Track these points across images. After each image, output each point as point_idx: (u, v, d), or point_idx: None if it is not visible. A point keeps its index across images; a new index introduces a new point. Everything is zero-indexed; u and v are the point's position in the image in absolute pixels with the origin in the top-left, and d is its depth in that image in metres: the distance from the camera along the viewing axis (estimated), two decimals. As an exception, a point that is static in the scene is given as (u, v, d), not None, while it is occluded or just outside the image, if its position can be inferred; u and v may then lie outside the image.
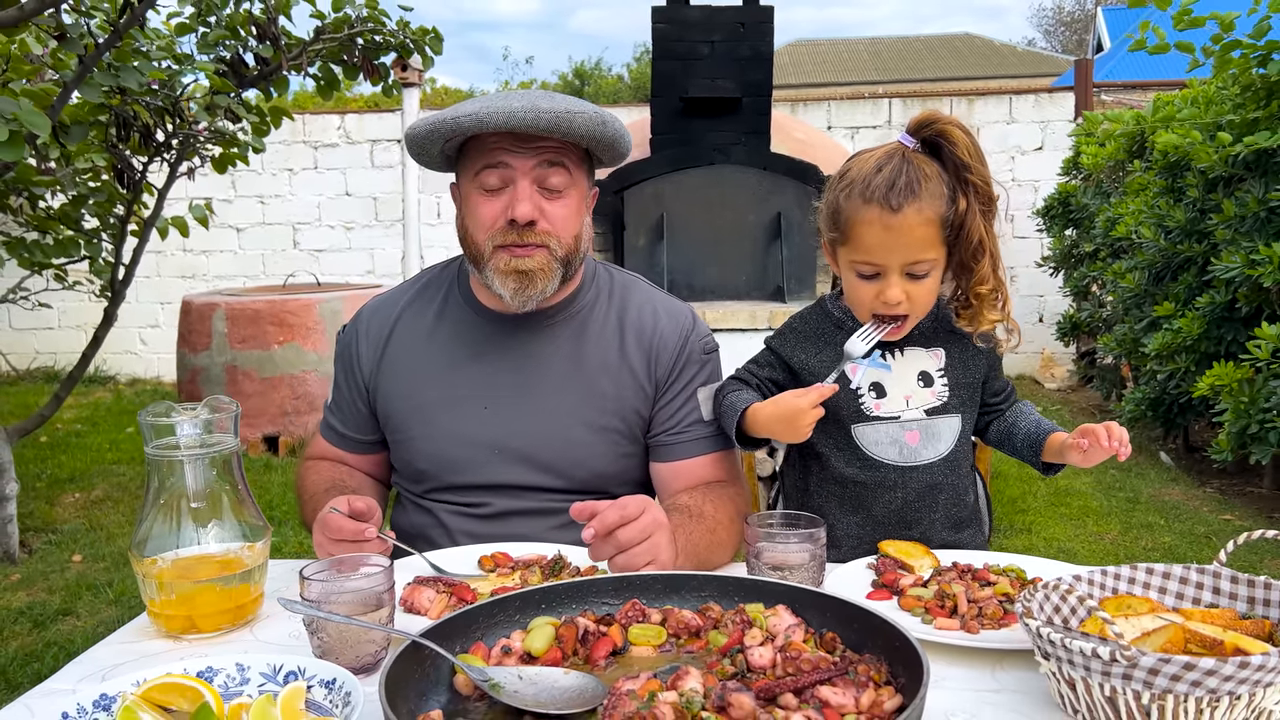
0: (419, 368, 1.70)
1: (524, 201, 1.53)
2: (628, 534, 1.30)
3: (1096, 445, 1.41)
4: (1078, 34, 35.48)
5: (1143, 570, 1.19)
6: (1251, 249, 3.82)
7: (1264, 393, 3.76)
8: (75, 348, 8.86)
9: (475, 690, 1.03)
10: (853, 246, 1.51)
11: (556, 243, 1.57)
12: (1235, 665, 0.91)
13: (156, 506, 1.29)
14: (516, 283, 1.56)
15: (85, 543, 4.42)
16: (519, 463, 1.65)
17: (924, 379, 1.60)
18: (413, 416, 1.68)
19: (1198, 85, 4.90)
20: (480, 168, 1.56)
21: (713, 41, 4.86)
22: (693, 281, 5.01)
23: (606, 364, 1.67)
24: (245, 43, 3.84)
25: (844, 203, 1.50)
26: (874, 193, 1.46)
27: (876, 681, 0.99)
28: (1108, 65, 15.37)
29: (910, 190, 1.46)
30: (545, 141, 1.54)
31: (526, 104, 1.47)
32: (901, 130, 1.56)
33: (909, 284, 1.50)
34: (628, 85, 29.45)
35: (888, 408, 1.59)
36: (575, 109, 1.51)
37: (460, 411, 1.66)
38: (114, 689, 0.98)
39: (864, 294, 1.53)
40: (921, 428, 1.59)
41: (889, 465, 1.58)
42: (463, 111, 1.49)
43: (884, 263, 1.49)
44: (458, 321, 1.71)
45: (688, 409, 1.69)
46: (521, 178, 1.55)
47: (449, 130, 1.51)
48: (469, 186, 1.60)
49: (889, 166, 1.48)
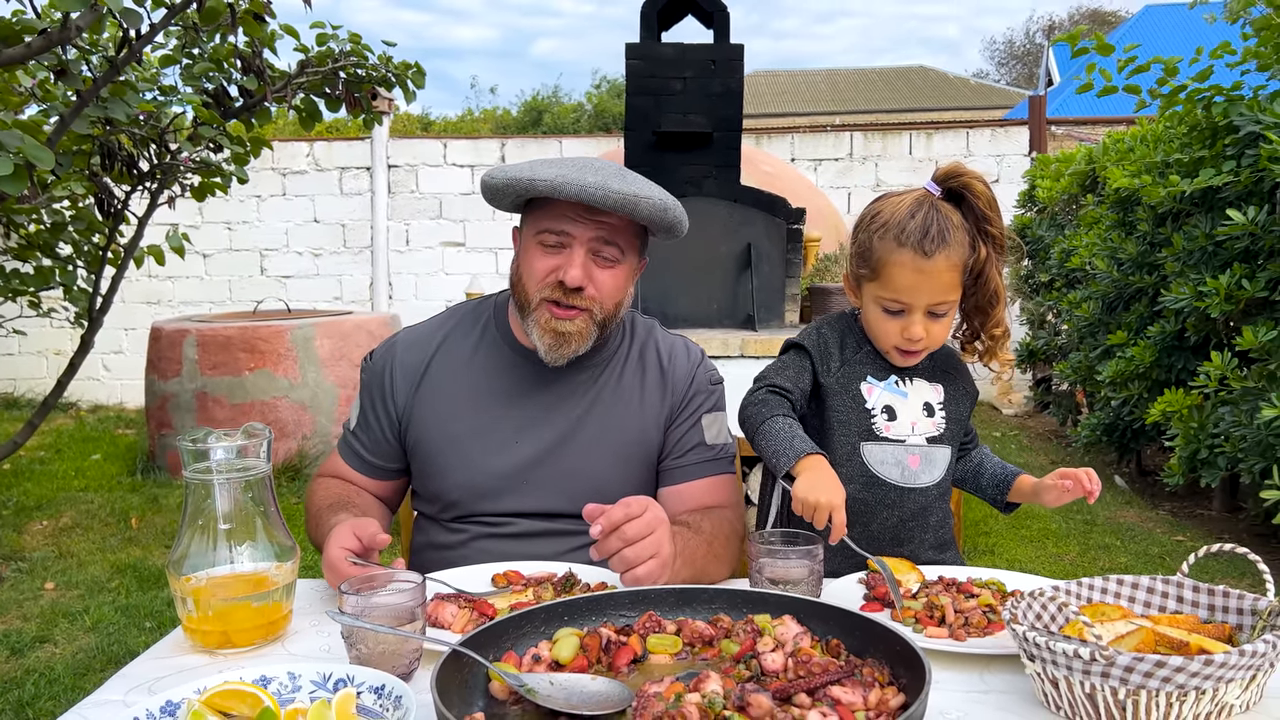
0: (454, 400, 1.77)
1: (576, 268, 1.64)
2: (633, 528, 1.40)
3: (1078, 486, 1.54)
4: (1028, 67, 36.43)
5: (1113, 581, 1.30)
6: (1199, 281, 4.01)
7: (1213, 419, 3.94)
8: (36, 374, 8.77)
9: (510, 695, 1.12)
10: (882, 284, 1.62)
11: (599, 309, 1.69)
12: (1201, 663, 1.02)
13: (193, 527, 1.36)
14: (553, 340, 1.68)
15: (56, 570, 4.40)
16: (545, 491, 1.75)
17: (928, 409, 1.72)
18: (447, 447, 1.76)
19: (1146, 124, 5.13)
20: (544, 227, 1.67)
21: (685, 78, 5.00)
22: (665, 310, 5.12)
23: (629, 400, 1.79)
24: (229, 75, 3.90)
25: (878, 243, 1.62)
26: (909, 238, 1.58)
27: (881, 682, 1.09)
28: (1059, 99, 15.85)
29: (942, 238, 1.58)
30: (608, 217, 1.65)
31: (599, 181, 1.58)
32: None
33: (929, 322, 1.63)
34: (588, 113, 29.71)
35: (896, 431, 1.70)
36: (642, 194, 1.60)
37: (493, 443, 1.75)
38: (177, 696, 1.05)
39: (888, 328, 1.65)
40: (922, 453, 1.70)
41: (890, 485, 1.69)
42: (540, 176, 1.59)
43: (911, 302, 1.61)
44: (493, 357, 1.80)
45: (693, 434, 1.81)
46: (579, 246, 1.65)
47: (523, 191, 1.63)
48: (530, 238, 1.70)
49: (921, 214, 1.60)
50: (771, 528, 1.81)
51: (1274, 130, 3.69)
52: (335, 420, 6.05)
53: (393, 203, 8.63)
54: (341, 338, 6.17)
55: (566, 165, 1.63)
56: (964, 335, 1.76)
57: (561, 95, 32.29)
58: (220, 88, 3.89)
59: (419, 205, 8.63)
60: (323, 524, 1.63)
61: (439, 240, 8.65)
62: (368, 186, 8.60)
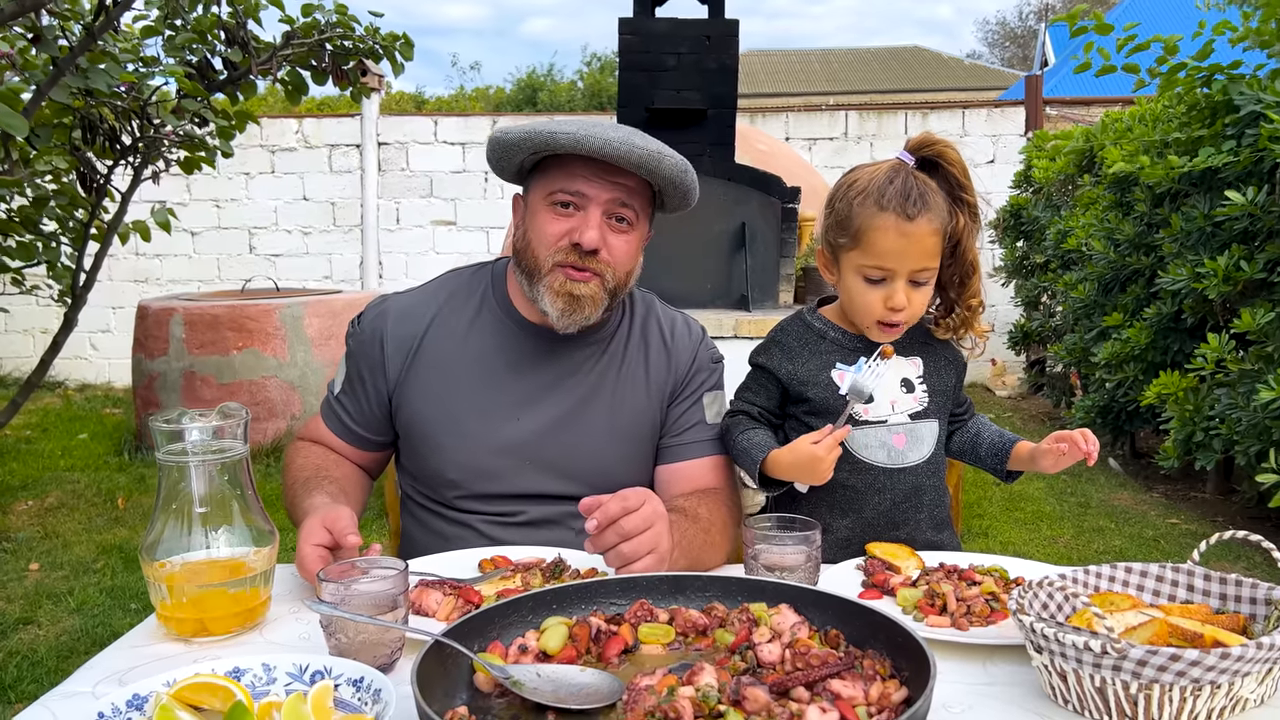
0: (451, 376, 1.71)
1: (593, 229, 1.58)
2: (631, 523, 1.35)
3: (1075, 449, 1.49)
4: (1022, 49, 36.28)
5: (1122, 569, 1.26)
6: (1197, 262, 3.97)
7: (1208, 401, 3.91)
8: (21, 352, 8.68)
9: (495, 687, 1.07)
10: (864, 251, 1.58)
11: (611, 274, 1.63)
12: (1217, 656, 0.98)
13: (167, 511, 1.31)
14: (566, 304, 1.61)
15: (41, 551, 4.35)
16: (550, 472, 1.69)
17: (906, 385, 1.68)
18: (444, 425, 1.69)
19: (1145, 103, 5.07)
20: (557, 188, 1.60)
21: (679, 53, 4.93)
22: (659, 290, 5.05)
23: (633, 377, 1.74)
24: (213, 47, 3.82)
25: (858, 209, 1.57)
26: (890, 201, 1.55)
27: (882, 675, 1.04)
28: (1055, 78, 15.74)
29: (924, 201, 1.55)
30: (625, 178, 1.59)
31: (623, 137, 1.52)
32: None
33: (911, 291, 1.59)
34: (581, 92, 29.50)
35: (875, 412, 1.66)
36: (666, 152, 1.56)
37: (493, 421, 1.69)
38: (145, 689, 1.00)
39: (870, 298, 1.60)
40: (906, 431, 1.66)
41: (878, 468, 1.65)
42: (561, 129, 1.52)
43: (894, 268, 1.57)
44: (494, 330, 1.73)
45: (693, 413, 1.77)
46: (595, 207, 1.59)
47: (542, 144, 1.55)
48: (540, 202, 1.63)
49: (899, 179, 1.57)
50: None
51: (1274, 109, 3.64)
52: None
53: (383, 181, 8.54)
54: (331, 317, 6.10)
55: (584, 123, 1.55)
56: (938, 310, 1.72)
57: (556, 73, 32.07)
58: (204, 60, 3.80)
59: (409, 183, 8.54)
60: (299, 502, 1.57)
61: (429, 219, 8.57)
62: (357, 164, 8.50)
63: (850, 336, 1.70)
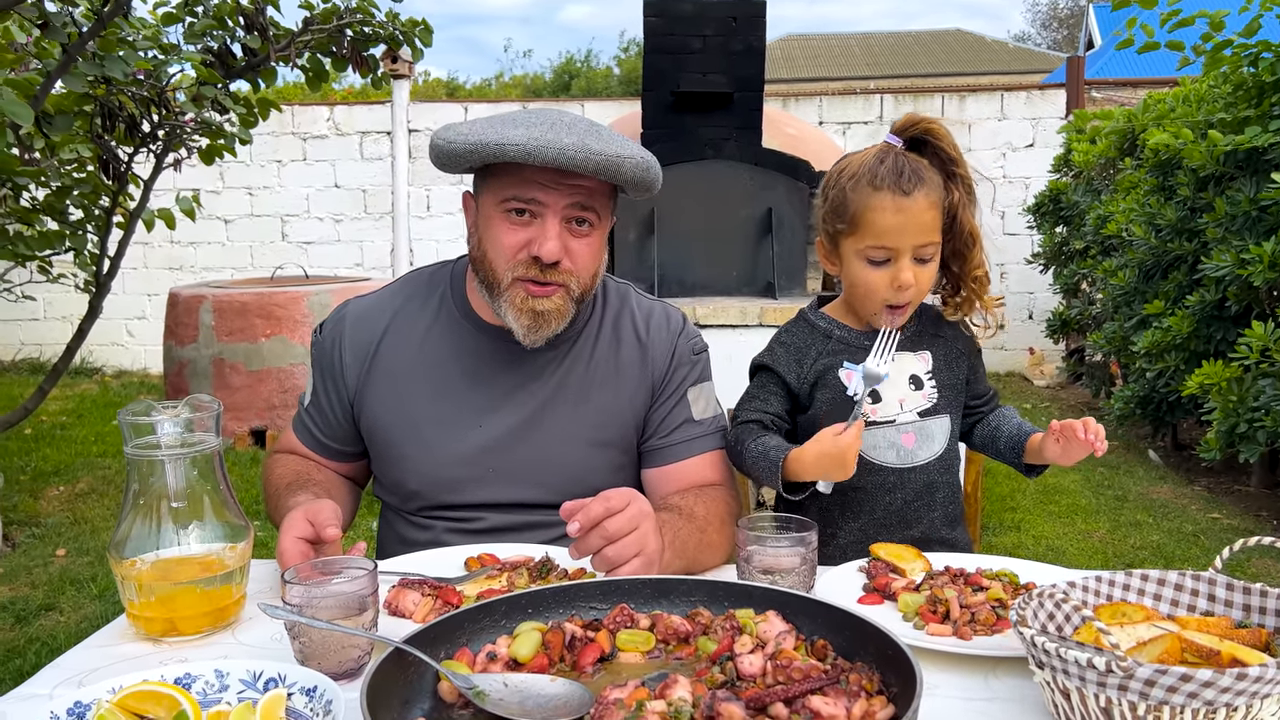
0: (410, 382, 1.63)
1: (552, 240, 1.49)
2: (615, 524, 1.28)
3: (1073, 438, 1.44)
4: (1070, 30, 35.52)
5: (1137, 577, 1.17)
6: (1242, 248, 3.82)
7: (1253, 392, 3.76)
8: (61, 339, 8.79)
9: (460, 698, 1.01)
10: (864, 233, 1.54)
11: (576, 282, 1.54)
12: (1233, 677, 0.89)
13: (136, 507, 1.27)
14: (531, 321, 1.52)
15: (69, 536, 4.38)
16: (515, 480, 1.62)
17: (914, 382, 1.64)
18: (404, 434, 1.62)
19: (1189, 83, 4.90)
20: (510, 194, 1.50)
21: (704, 36, 4.83)
22: (683, 277, 4.99)
23: (603, 377, 1.65)
24: (233, 33, 3.79)
25: (851, 193, 1.55)
26: (883, 180, 1.52)
27: (869, 691, 0.97)
28: (1099, 62, 15.38)
29: (917, 176, 1.53)
30: (583, 180, 1.49)
31: (576, 141, 1.41)
32: (891, 123, 1.60)
33: (917, 268, 1.55)
34: (618, 78, 29.37)
35: (884, 412, 1.62)
36: (625, 153, 1.46)
37: (454, 429, 1.61)
38: (89, 696, 0.96)
39: (875, 280, 1.56)
40: (916, 429, 1.63)
41: (888, 468, 1.61)
42: (510, 140, 1.41)
43: (897, 245, 1.53)
44: (452, 334, 1.64)
45: (679, 411, 1.67)
46: (552, 216, 1.49)
47: (491, 156, 1.44)
48: (493, 208, 1.53)
49: (890, 159, 1.55)
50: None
51: (1326, 87, 3.48)
52: (352, 388, 5.99)
53: (414, 168, 8.52)
54: (358, 304, 6.09)
55: (534, 123, 1.45)
56: (945, 290, 1.68)
57: (593, 60, 31.98)
58: (223, 46, 3.78)
59: (440, 170, 8.52)
60: (281, 504, 1.52)
61: (459, 206, 8.54)
62: (388, 151, 8.49)
63: (856, 334, 1.66)
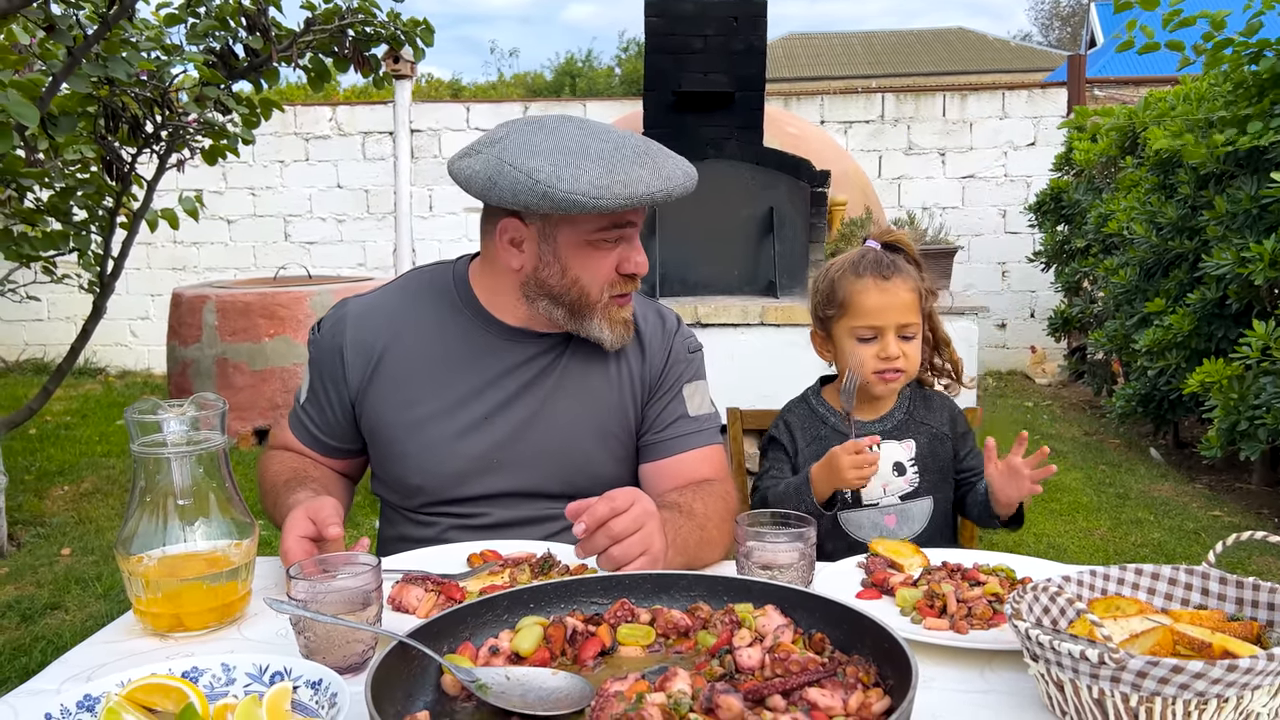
0: (416, 381, 1.63)
1: (642, 253, 1.58)
2: (621, 524, 1.29)
3: (1019, 474, 1.61)
4: (1073, 28, 35.48)
5: (1131, 571, 1.19)
6: (1242, 246, 3.83)
7: (1254, 389, 3.77)
8: (65, 339, 8.81)
9: (463, 690, 1.03)
10: (853, 314, 1.77)
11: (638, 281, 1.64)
12: (1223, 668, 0.91)
13: (142, 504, 1.28)
14: (624, 330, 1.62)
15: (74, 536, 4.40)
16: (520, 472, 1.63)
17: (898, 469, 1.80)
18: (408, 431, 1.63)
19: (1190, 82, 4.90)
20: (607, 225, 1.53)
21: (705, 35, 4.84)
22: (685, 276, 5.00)
23: (605, 371, 1.67)
24: (235, 34, 3.81)
25: (839, 282, 1.79)
26: (867, 268, 1.77)
27: (865, 683, 0.99)
28: (1101, 60, 15.37)
29: (895, 265, 1.78)
30: None
31: (680, 171, 1.50)
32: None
33: (902, 344, 1.76)
34: (619, 78, 29.37)
35: (868, 495, 1.80)
36: (692, 174, 1.53)
37: (459, 424, 1.62)
38: (98, 689, 0.97)
39: (865, 354, 1.77)
40: (897, 511, 1.80)
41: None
42: (648, 188, 1.45)
43: (882, 323, 1.76)
44: (459, 332, 1.66)
45: (674, 407, 1.70)
46: (635, 230, 1.59)
47: (586, 209, 1.43)
48: (582, 239, 1.53)
49: (871, 253, 1.80)
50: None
51: (1326, 86, 3.49)
52: (355, 387, 6.01)
53: (416, 168, 8.54)
54: (361, 304, 6.11)
55: (605, 160, 1.44)
56: (925, 364, 1.90)
57: (594, 59, 31.96)
58: (225, 47, 3.80)
59: (442, 170, 8.53)
60: (280, 502, 1.53)
61: (462, 206, 8.55)
62: (390, 151, 8.51)
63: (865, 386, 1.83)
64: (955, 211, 8.08)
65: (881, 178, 8.09)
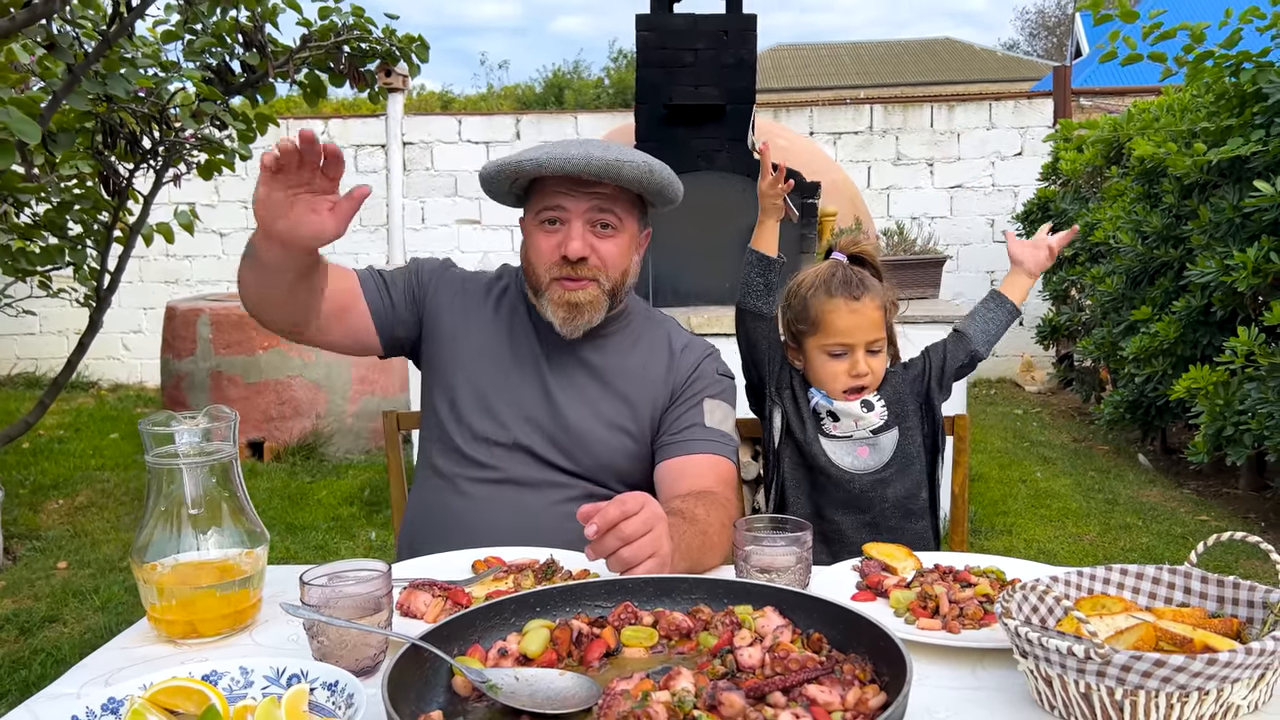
0: (478, 334, 1.86)
1: (576, 239, 1.73)
2: (631, 526, 1.34)
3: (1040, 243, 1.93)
4: (1059, 38, 35.73)
5: (1117, 571, 1.23)
6: (1226, 254, 3.89)
7: (1239, 395, 3.83)
8: (57, 353, 8.82)
9: (473, 691, 1.06)
10: (824, 332, 1.87)
11: (605, 277, 1.77)
12: (1203, 662, 0.95)
13: (156, 513, 1.32)
14: (567, 313, 1.77)
15: (70, 549, 4.42)
16: (540, 435, 1.80)
17: (866, 405, 1.92)
18: (461, 361, 1.84)
19: (1173, 93, 4.98)
20: (541, 207, 1.77)
21: (696, 49, 4.89)
22: (678, 286, 5.04)
23: (630, 372, 1.86)
24: (232, 50, 3.85)
25: (811, 301, 1.88)
26: (837, 288, 1.86)
27: (861, 680, 1.03)
28: (1087, 70, 15.52)
29: (864, 284, 1.87)
30: (599, 187, 1.73)
31: (581, 153, 1.67)
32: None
33: (870, 359, 1.87)
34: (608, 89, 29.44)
35: (843, 429, 1.94)
36: (625, 159, 1.68)
37: (503, 373, 1.83)
38: (121, 693, 1.00)
39: (835, 370, 1.88)
40: (869, 444, 1.94)
41: (845, 470, 1.93)
42: (527, 157, 1.69)
43: (851, 341, 1.86)
44: (513, 314, 1.89)
45: (691, 415, 1.82)
46: (575, 219, 1.74)
47: (513, 173, 1.72)
48: (531, 223, 1.80)
49: (840, 271, 1.88)
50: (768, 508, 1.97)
51: (1305, 97, 3.55)
52: (349, 399, 6.03)
53: (408, 180, 8.58)
54: (355, 316, 6.13)
55: (552, 145, 1.71)
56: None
57: (583, 70, 32.03)
58: (222, 63, 3.83)
59: (434, 182, 8.58)
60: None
61: (454, 218, 8.60)
62: (383, 164, 8.54)
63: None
64: (944, 221, 8.16)
65: (871, 188, 8.17)
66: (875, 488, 1.92)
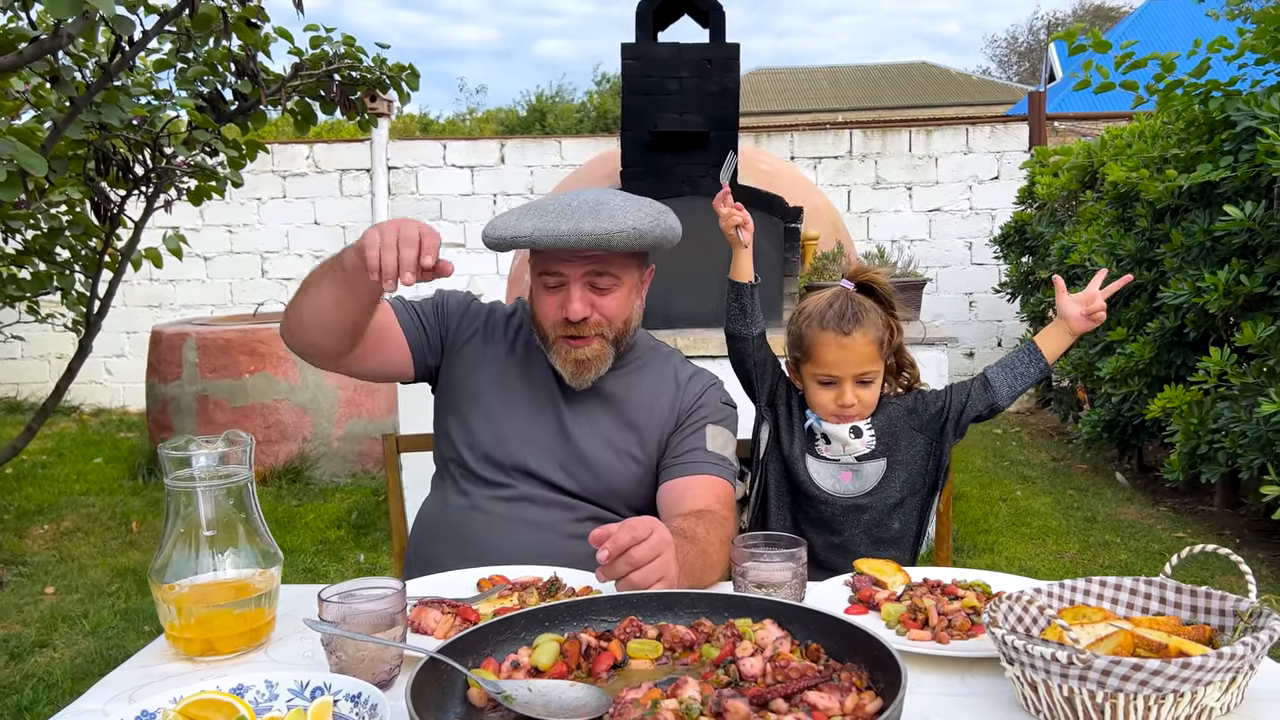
0: (495, 367, 1.95)
1: (576, 302, 1.81)
2: (641, 552, 1.39)
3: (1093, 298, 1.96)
4: (1031, 63, 36.26)
5: (1096, 583, 1.30)
6: (1197, 277, 4.00)
7: (1212, 414, 3.93)
8: (39, 378, 8.79)
9: (488, 702, 1.11)
10: (815, 363, 1.92)
11: (609, 328, 1.86)
12: (1178, 666, 1.01)
13: (175, 535, 1.36)
14: (575, 368, 1.86)
15: (57, 574, 4.41)
16: (549, 459, 1.88)
17: (855, 432, 1.95)
18: (479, 393, 1.93)
19: (1144, 120, 5.11)
20: (541, 270, 1.85)
21: (681, 78, 4.99)
22: (665, 310, 5.11)
23: (639, 403, 1.94)
24: (224, 79, 3.90)
25: (805, 330, 1.92)
26: (828, 322, 1.89)
27: (859, 686, 1.09)
28: (1061, 94, 15.79)
29: (856, 319, 1.89)
30: (594, 251, 1.79)
31: (571, 227, 1.71)
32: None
33: (859, 389, 1.91)
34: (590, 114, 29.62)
35: (830, 452, 1.98)
36: (614, 229, 1.72)
37: (520, 403, 1.91)
38: (153, 706, 1.05)
39: (824, 398, 1.93)
40: (852, 470, 1.97)
41: (825, 492, 1.97)
42: (521, 231, 1.74)
43: (839, 374, 1.90)
44: (528, 350, 1.97)
45: (694, 439, 1.90)
46: (574, 283, 1.81)
47: (509, 246, 1.78)
48: (536, 281, 1.88)
49: (838, 302, 1.91)
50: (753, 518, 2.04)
51: (1271, 125, 3.67)
52: (335, 423, 6.05)
53: (393, 204, 8.63)
54: (341, 340, 6.16)
55: (545, 213, 1.75)
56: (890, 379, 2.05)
57: (565, 94, 32.20)
58: (215, 91, 3.89)
59: (419, 207, 8.63)
60: (327, 263, 1.72)
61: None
62: (368, 188, 8.60)
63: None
64: (923, 244, 8.28)
65: (851, 211, 8.28)
66: (849, 513, 1.96)
